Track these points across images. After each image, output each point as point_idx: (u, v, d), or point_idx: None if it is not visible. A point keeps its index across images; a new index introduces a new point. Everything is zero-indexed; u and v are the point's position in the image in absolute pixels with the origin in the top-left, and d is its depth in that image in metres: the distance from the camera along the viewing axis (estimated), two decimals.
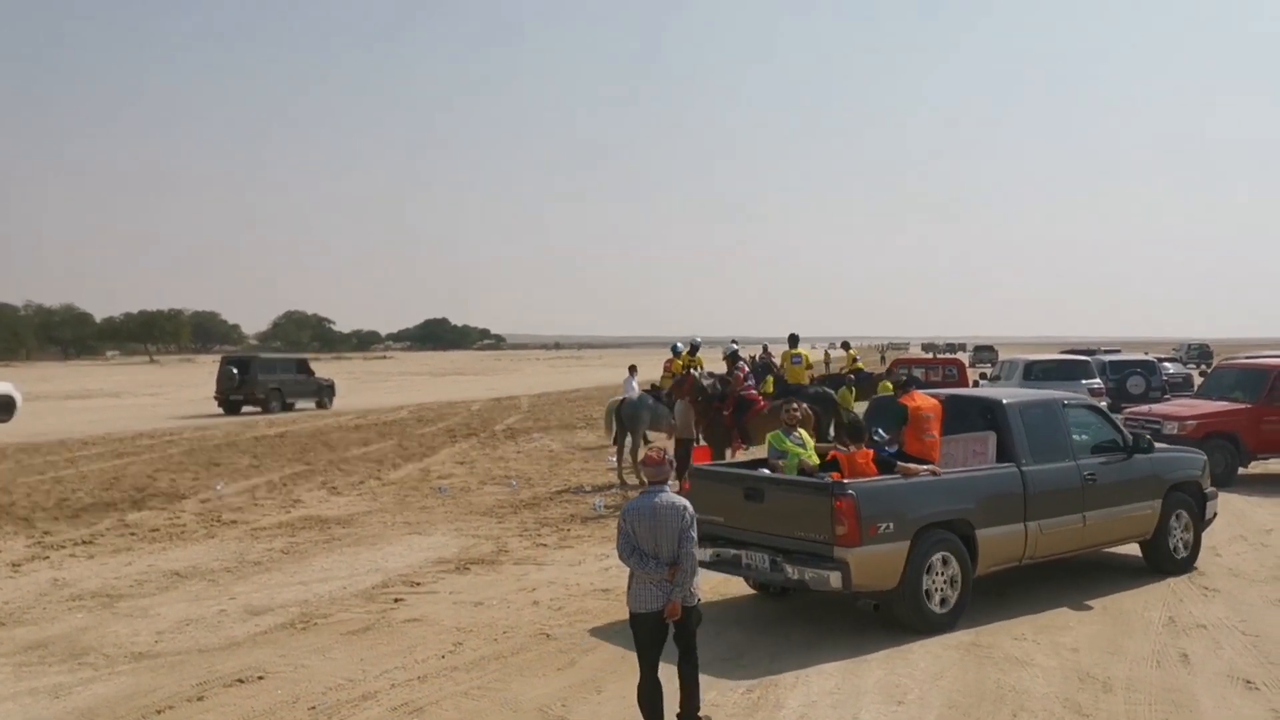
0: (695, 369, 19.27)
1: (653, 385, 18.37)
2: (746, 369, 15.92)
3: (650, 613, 6.02)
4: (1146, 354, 36.73)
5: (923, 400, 9.33)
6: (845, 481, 8.22)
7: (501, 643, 8.08)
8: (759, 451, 19.68)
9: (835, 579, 7.97)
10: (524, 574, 10.36)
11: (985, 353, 69.98)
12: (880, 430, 9.15)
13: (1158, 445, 10.20)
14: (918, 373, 24.71)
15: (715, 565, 8.88)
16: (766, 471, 9.06)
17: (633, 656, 6.20)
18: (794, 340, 19.82)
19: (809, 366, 19.38)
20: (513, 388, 50.40)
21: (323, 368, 60.07)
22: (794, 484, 8.60)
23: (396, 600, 9.35)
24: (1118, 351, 40.24)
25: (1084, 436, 9.71)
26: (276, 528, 12.89)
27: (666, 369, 18.50)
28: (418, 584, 9.96)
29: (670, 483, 6.23)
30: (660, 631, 6.09)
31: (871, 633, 8.28)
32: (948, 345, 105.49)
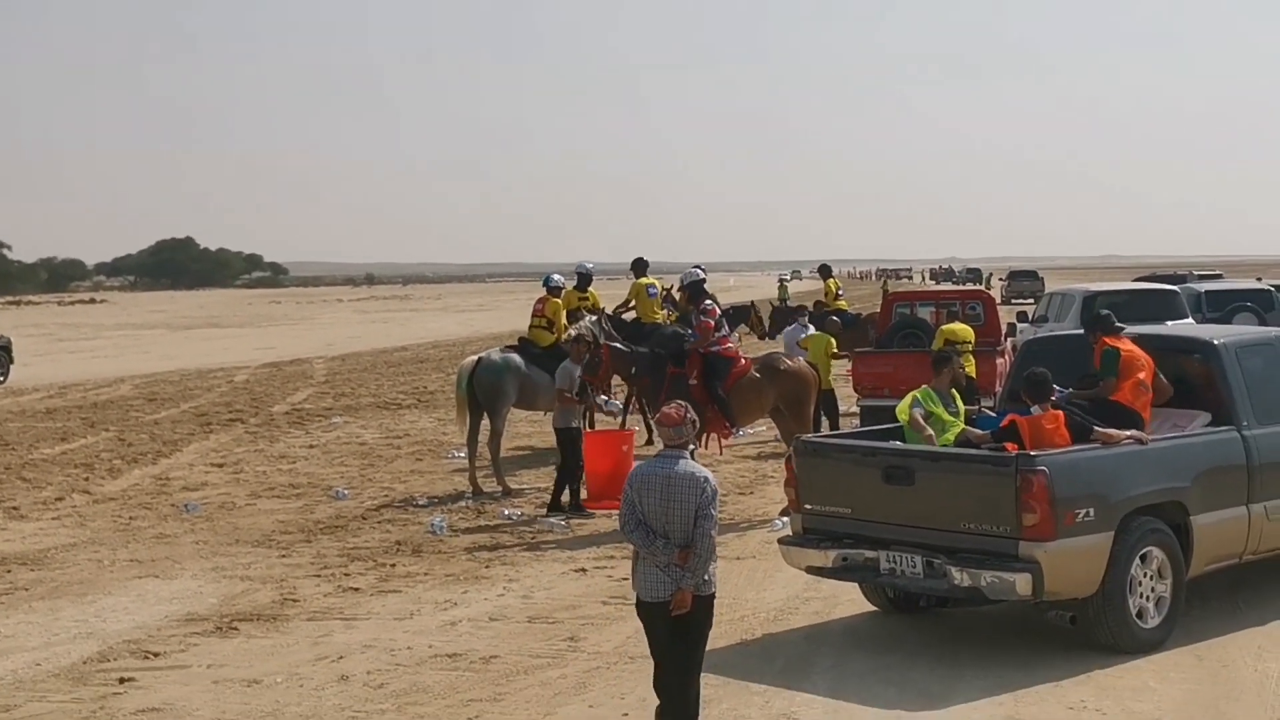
0: (589, 314, 19.22)
1: (520, 339, 18.25)
2: (718, 310, 15.37)
3: (661, 602, 7.27)
4: (1260, 280, 38.06)
5: (1130, 345, 10.20)
6: (1033, 454, 8.83)
7: None
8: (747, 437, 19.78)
9: (1023, 584, 8.60)
10: (324, 634, 10.33)
11: (1025, 281, 71.73)
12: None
13: None
14: (924, 312, 25.24)
15: (843, 573, 9.65)
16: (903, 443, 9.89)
17: None
18: (641, 267, 20.90)
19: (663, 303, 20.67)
20: (300, 346, 49.73)
21: None
22: (960, 459, 9.29)
23: (122, 681, 9.29)
24: (1218, 276, 41.58)
25: None
26: None
27: (538, 312, 18.26)
28: (155, 654, 9.91)
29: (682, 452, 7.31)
30: (677, 626, 7.32)
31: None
32: (967, 271, 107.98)
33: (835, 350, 19.71)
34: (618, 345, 15.17)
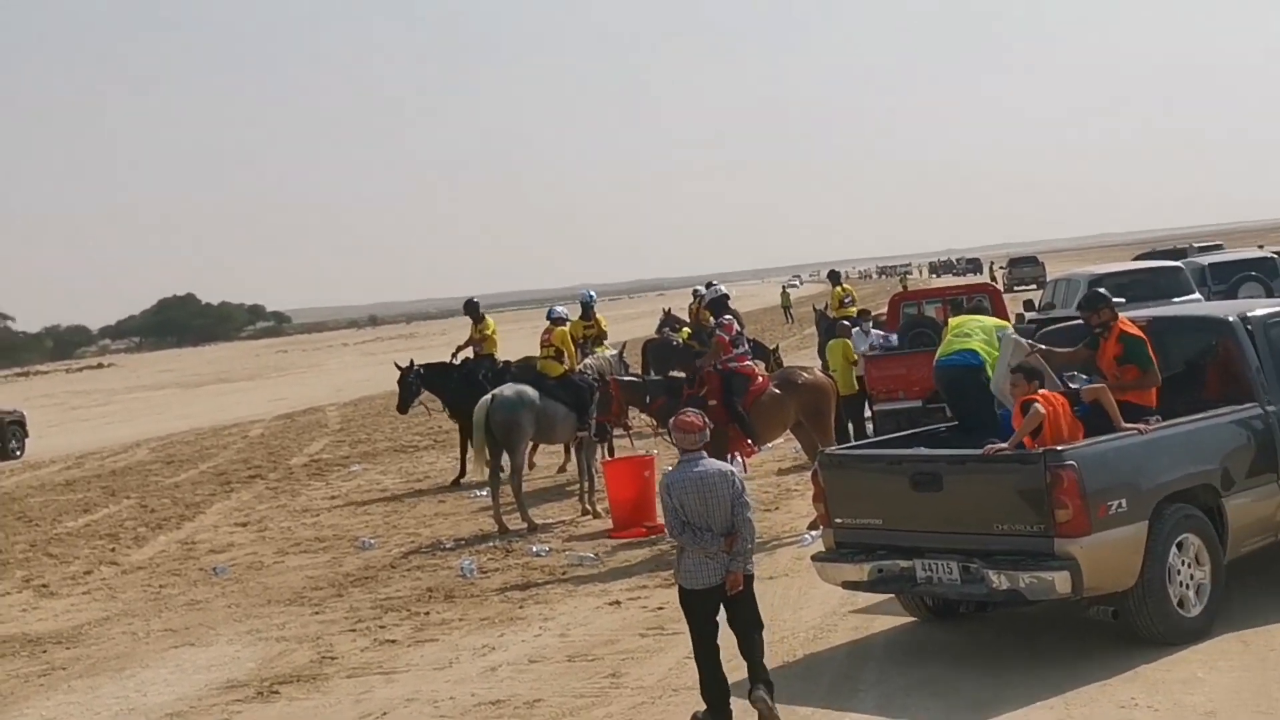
0: (610, 348, 19.21)
1: (532, 368, 18.08)
2: (736, 326, 14.97)
3: (707, 589, 8.07)
4: (1261, 247, 37.91)
5: (1135, 328, 10.10)
6: (1061, 448, 8.74)
7: None
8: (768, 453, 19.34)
9: (1062, 582, 8.53)
10: (366, 691, 10.28)
11: (1027, 268, 71.49)
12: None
13: None
14: (930, 309, 25.15)
15: (879, 585, 9.56)
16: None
17: None
18: (473, 308, 22.31)
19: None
20: (312, 394, 49.79)
21: (2, 392, 58.52)
22: (986, 460, 9.17)
23: None
24: (1218, 247, 41.43)
25: None
26: None
27: (545, 342, 18.18)
28: None
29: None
30: (716, 609, 8.15)
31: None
32: (965, 262, 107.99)
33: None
34: (626, 378, 15.20)
